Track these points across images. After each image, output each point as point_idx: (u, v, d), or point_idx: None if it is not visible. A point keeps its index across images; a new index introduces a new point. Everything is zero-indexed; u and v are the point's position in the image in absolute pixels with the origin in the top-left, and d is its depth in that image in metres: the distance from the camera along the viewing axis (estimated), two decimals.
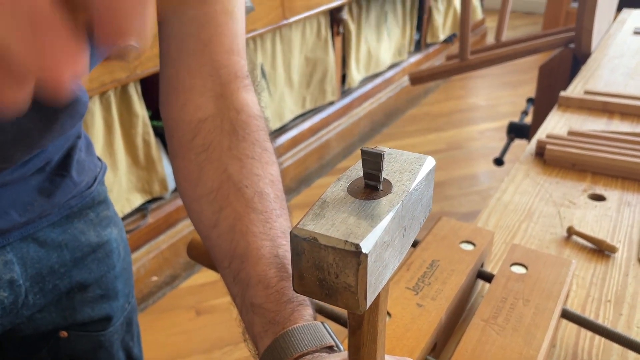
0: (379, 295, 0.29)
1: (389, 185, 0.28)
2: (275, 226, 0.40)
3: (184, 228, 1.75)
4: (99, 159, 0.59)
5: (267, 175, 0.43)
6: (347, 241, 0.25)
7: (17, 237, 0.49)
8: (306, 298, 0.38)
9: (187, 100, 0.45)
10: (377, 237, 0.25)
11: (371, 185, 0.28)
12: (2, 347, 0.56)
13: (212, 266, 0.61)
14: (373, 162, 0.27)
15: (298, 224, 0.26)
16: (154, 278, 1.67)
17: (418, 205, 0.30)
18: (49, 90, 0.20)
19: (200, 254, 0.63)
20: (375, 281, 0.26)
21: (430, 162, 0.30)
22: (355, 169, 0.30)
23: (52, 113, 0.45)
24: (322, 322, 0.37)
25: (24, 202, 0.48)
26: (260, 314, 0.37)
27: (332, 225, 0.26)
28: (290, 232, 0.26)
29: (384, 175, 0.28)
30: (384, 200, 0.27)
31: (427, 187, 0.30)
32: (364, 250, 0.25)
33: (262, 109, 0.47)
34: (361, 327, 0.31)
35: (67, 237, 0.53)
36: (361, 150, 0.27)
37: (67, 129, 0.49)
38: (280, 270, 0.38)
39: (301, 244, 0.26)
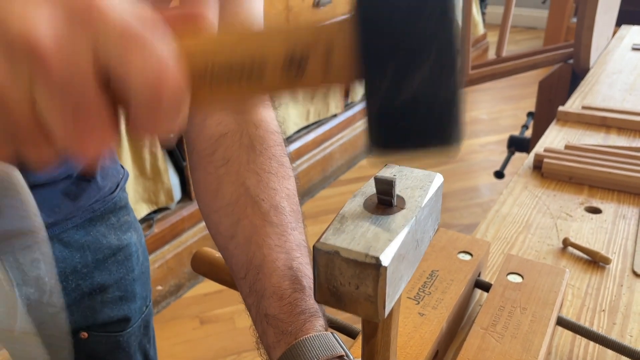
0: (392, 306, 0.31)
1: (402, 201, 0.30)
2: (290, 239, 0.42)
3: (189, 238, 1.77)
4: (122, 167, 0.62)
5: (283, 189, 0.44)
6: (367, 254, 0.27)
7: (43, 237, 0.52)
8: (318, 309, 0.39)
9: (207, 115, 0.47)
10: (395, 250, 0.27)
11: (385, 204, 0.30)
12: None
13: (216, 278, 0.62)
14: (385, 188, 0.29)
15: (320, 238, 0.28)
16: (159, 287, 1.69)
17: (429, 220, 0.32)
18: (80, 162, 0.22)
19: (204, 266, 0.63)
20: (393, 292, 0.28)
21: (439, 179, 0.32)
22: (370, 185, 0.32)
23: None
24: (332, 332, 0.38)
25: (52, 204, 0.51)
26: (273, 325, 0.38)
27: (353, 239, 0.28)
28: (313, 246, 0.28)
29: (397, 191, 0.30)
30: (399, 215, 0.29)
31: (436, 202, 0.33)
32: (383, 263, 0.26)
33: (279, 124, 0.49)
34: (375, 336, 0.32)
35: (89, 239, 0.56)
36: (374, 178, 0.29)
37: None
38: (294, 283, 0.39)
39: (324, 256, 0.28)
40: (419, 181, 0.32)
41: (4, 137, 0.22)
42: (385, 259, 0.27)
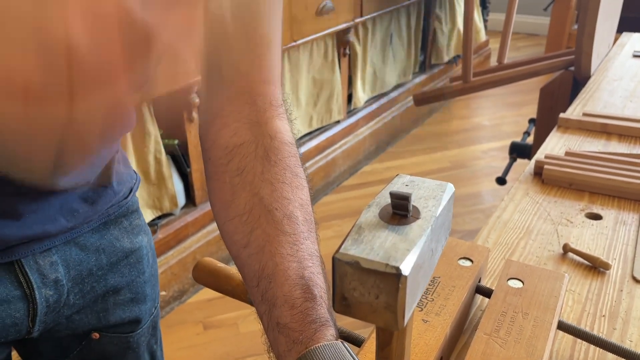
0: (411, 314, 0.31)
1: (417, 211, 0.31)
2: (303, 248, 0.42)
3: (193, 244, 1.78)
4: (134, 172, 0.64)
5: (297, 199, 0.45)
6: (387, 264, 0.27)
7: (61, 241, 0.54)
8: (329, 318, 0.39)
9: (224, 125, 0.47)
10: (414, 260, 0.28)
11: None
12: (39, 349, 0.60)
13: (217, 288, 0.63)
14: (401, 203, 0.30)
15: (340, 248, 0.29)
16: (163, 293, 1.69)
17: (442, 229, 0.32)
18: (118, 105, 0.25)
19: (206, 276, 0.64)
20: (411, 300, 0.29)
21: (450, 189, 0.33)
22: (383, 196, 0.32)
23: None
24: (342, 342, 0.38)
25: (70, 209, 0.53)
26: (285, 334, 0.39)
27: (372, 250, 0.28)
28: (333, 257, 0.28)
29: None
30: (415, 225, 0.30)
31: (449, 211, 0.33)
32: (404, 273, 0.27)
33: (294, 136, 0.49)
34: (390, 344, 0.33)
35: (104, 243, 0.58)
36: (390, 193, 0.30)
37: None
38: (306, 292, 0.39)
39: (344, 267, 0.28)
40: (431, 191, 0.32)
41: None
42: (406, 269, 0.27)
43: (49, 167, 0.46)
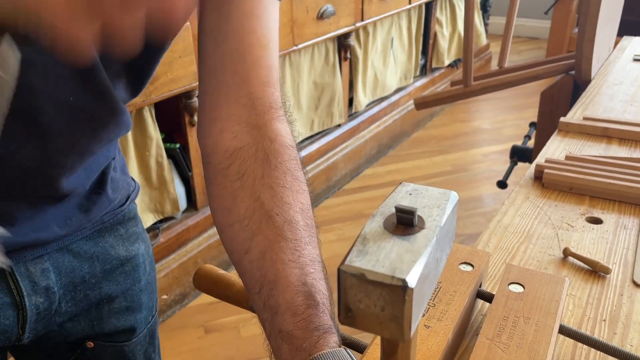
0: (417, 325, 0.31)
1: (421, 220, 0.30)
2: (304, 254, 0.42)
3: (194, 247, 1.78)
4: (133, 179, 0.64)
5: (297, 203, 0.44)
6: (393, 276, 0.27)
7: (54, 248, 0.53)
8: (332, 325, 0.39)
9: (223, 128, 0.47)
10: (420, 271, 0.27)
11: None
12: (33, 356, 0.59)
13: (218, 295, 0.62)
14: (407, 217, 0.30)
15: (345, 260, 0.28)
16: (164, 296, 1.70)
17: (446, 237, 0.32)
18: (160, 19, 0.25)
19: (206, 283, 0.64)
20: (417, 311, 0.28)
21: (454, 197, 0.33)
22: (387, 205, 0.32)
23: (101, 123, 0.48)
24: (345, 348, 0.38)
25: (64, 216, 0.53)
26: (288, 341, 0.38)
27: (377, 261, 0.28)
28: (338, 269, 0.28)
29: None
30: (420, 235, 0.29)
31: (453, 220, 0.33)
32: (410, 285, 0.27)
33: (294, 138, 0.49)
34: (395, 354, 0.33)
35: (98, 250, 0.57)
36: (395, 207, 0.30)
37: (113, 137, 0.52)
38: (308, 299, 0.39)
39: (349, 279, 0.28)
40: (435, 200, 0.32)
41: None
42: (412, 280, 0.27)
43: (46, 164, 0.46)
